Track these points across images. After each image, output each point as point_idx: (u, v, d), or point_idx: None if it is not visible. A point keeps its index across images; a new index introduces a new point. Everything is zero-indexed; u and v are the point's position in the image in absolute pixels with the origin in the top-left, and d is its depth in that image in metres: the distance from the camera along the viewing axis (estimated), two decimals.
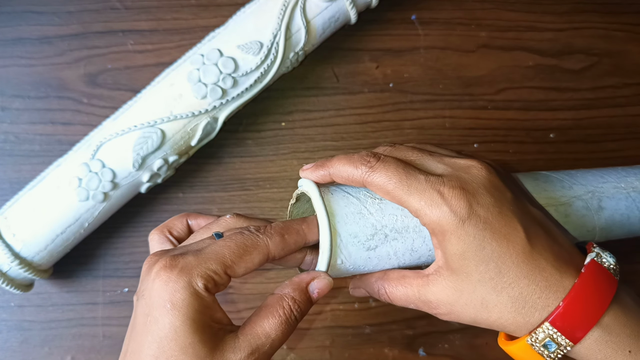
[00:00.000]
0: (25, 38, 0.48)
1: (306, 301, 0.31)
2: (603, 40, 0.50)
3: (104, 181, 0.41)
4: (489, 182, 0.31)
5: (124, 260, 0.48)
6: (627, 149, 0.50)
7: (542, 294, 0.30)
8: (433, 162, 0.32)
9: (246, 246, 0.30)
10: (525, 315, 0.30)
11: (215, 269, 0.29)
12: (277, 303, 0.30)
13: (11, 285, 0.42)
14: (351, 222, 0.32)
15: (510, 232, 0.30)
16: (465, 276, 0.30)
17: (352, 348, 0.48)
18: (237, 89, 0.43)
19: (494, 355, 0.48)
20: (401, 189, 0.30)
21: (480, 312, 0.31)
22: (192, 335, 0.28)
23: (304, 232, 0.32)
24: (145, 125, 0.41)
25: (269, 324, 0.30)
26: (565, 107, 0.50)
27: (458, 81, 0.50)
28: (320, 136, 0.49)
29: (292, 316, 0.30)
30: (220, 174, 0.48)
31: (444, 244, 0.30)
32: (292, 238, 0.31)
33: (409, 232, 0.33)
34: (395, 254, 0.33)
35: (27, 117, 0.47)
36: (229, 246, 0.30)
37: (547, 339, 0.29)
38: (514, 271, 0.30)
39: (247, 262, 0.30)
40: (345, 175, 0.32)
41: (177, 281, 0.28)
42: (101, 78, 0.48)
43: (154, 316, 0.28)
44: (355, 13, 0.44)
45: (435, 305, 0.32)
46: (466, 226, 0.30)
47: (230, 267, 0.29)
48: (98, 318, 0.47)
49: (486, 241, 0.30)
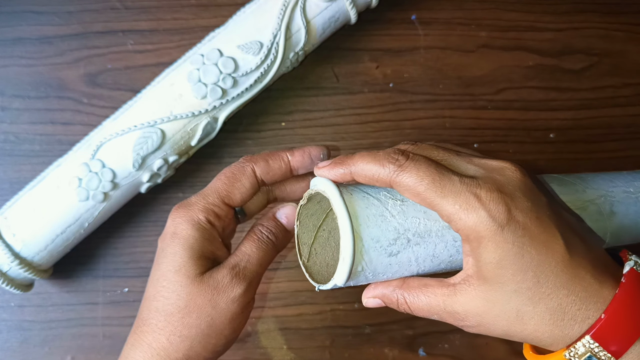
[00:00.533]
0: (25, 38, 0.48)
1: (276, 226, 0.35)
2: (603, 40, 0.50)
3: (104, 181, 0.41)
4: (524, 185, 0.29)
5: (124, 260, 0.48)
6: (627, 149, 0.50)
7: (582, 305, 0.28)
8: (462, 163, 0.30)
9: (234, 175, 0.35)
10: (564, 327, 0.28)
11: (213, 201, 0.34)
12: (251, 232, 0.35)
13: (11, 285, 0.42)
14: (373, 226, 0.29)
15: (549, 239, 0.28)
16: (499, 286, 0.28)
17: (352, 348, 0.48)
18: (237, 89, 0.43)
19: (494, 355, 0.48)
20: (434, 191, 0.28)
21: (514, 325, 0.28)
22: (188, 259, 0.32)
23: (287, 159, 0.35)
24: (145, 125, 0.41)
25: (245, 245, 0.34)
26: (565, 107, 0.50)
27: (458, 81, 0.50)
28: (320, 136, 0.49)
29: (264, 236, 0.35)
30: None
31: (479, 251, 0.28)
32: (276, 163, 0.35)
33: (432, 237, 0.31)
34: (417, 260, 0.31)
35: (27, 117, 0.47)
36: (221, 179, 0.35)
37: (588, 354, 0.27)
38: (553, 281, 0.28)
39: (240, 188, 0.35)
40: (369, 174, 0.30)
41: (182, 216, 0.33)
42: (101, 78, 0.48)
43: (162, 247, 0.33)
44: (355, 13, 0.44)
45: (463, 316, 0.29)
46: (505, 232, 0.27)
47: (226, 196, 0.34)
48: (98, 318, 0.47)
49: (525, 248, 0.28)
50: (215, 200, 0.34)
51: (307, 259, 0.33)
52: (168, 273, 0.32)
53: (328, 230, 0.32)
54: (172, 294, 0.32)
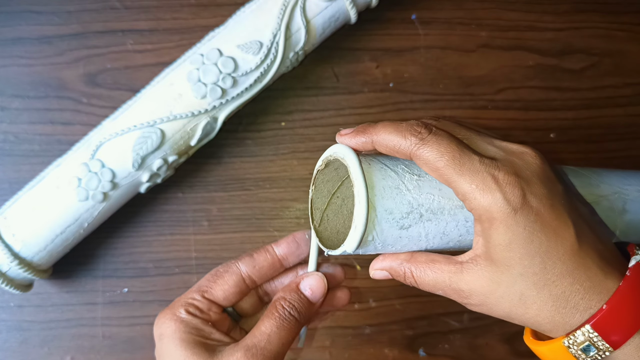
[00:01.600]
0: (25, 38, 0.48)
1: (300, 299, 0.33)
2: (603, 40, 0.50)
3: (103, 181, 0.41)
4: (542, 171, 0.29)
5: (124, 261, 0.48)
6: (627, 149, 0.50)
7: (586, 295, 0.28)
8: (483, 143, 0.30)
9: (218, 271, 0.35)
10: (566, 315, 0.28)
11: (193, 296, 0.34)
12: (272, 307, 0.33)
13: (11, 285, 0.41)
14: (388, 197, 0.30)
15: (560, 227, 0.28)
16: (506, 268, 0.28)
17: (352, 348, 0.48)
18: (236, 89, 0.43)
19: (494, 355, 0.48)
20: (453, 168, 0.28)
21: (517, 307, 0.29)
22: (184, 351, 0.31)
23: (272, 250, 0.35)
24: (145, 125, 0.41)
25: (264, 324, 0.32)
26: (565, 107, 0.50)
27: (458, 81, 0.49)
28: (320, 136, 0.49)
29: (286, 312, 0.32)
30: (220, 174, 0.48)
31: (490, 232, 0.28)
32: (260, 256, 0.35)
33: (444, 215, 0.31)
34: (427, 236, 0.31)
35: (27, 117, 0.47)
36: (205, 277, 0.35)
37: (587, 342, 0.28)
38: (560, 268, 0.28)
39: (222, 284, 0.35)
40: (391, 144, 0.30)
41: (163, 317, 0.33)
42: (101, 78, 0.48)
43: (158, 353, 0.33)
44: (355, 13, 0.44)
45: (467, 294, 0.30)
46: (518, 216, 0.28)
47: (205, 291, 0.34)
48: (97, 318, 0.47)
49: (535, 234, 0.28)
50: (194, 295, 0.34)
51: (318, 224, 0.34)
52: None
53: (342, 197, 0.32)
54: None
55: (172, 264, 0.48)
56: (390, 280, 0.33)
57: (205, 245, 0.48)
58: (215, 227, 0.48)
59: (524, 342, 0.32)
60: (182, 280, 0.48)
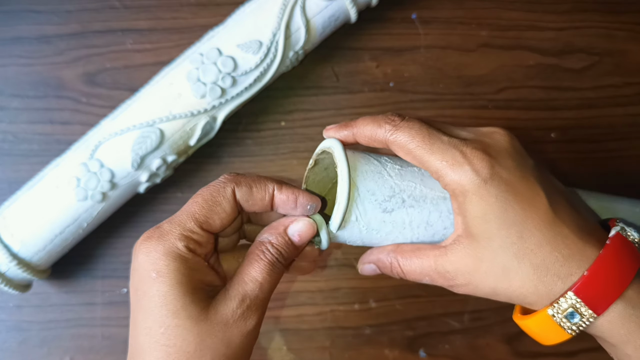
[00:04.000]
0: (24, 37, 0.48)
1: (287, 244, 0.31)
2: (604, 40, 0.50)
3: (102, 181, 0.41)
4: (511, 146, 0.31)
5: (123, 261, 0.47)
6: (628, 149, 0.50)
7: (565, 263, 0.29)
8: (455, 129, 0.32)
9: (213, 197, 0.30)
10: (548, 284, 0.29)
11: (191, 227, 0.29)
12: (257, 249, 0.30)
13: (9, 285, 0.41)
14: (370, 180, 0.32)
15: (533, 197, 0.30)
16: (486, 242, 0.29)
17: (352, 349, 0.48)
18: (236, 88, 0.42)
19: (494, 356, 0.48)
20: (423, 149, 0.30)
21: (501, 281, 0.30)
22: (182, 298, 0.28)
23: (272, 191, 0.31)
24: (144, 125, 0.41)
25: (254, 269, 0.30)
26: (566, 106, 0.50)
27: (458, 80, 0.49)
28: (320, 136, 0.48)
29: (274, 259, 0.30)
30: (219, 173, 0.47)
31: (465, 206, 0.30)
32: (259, 193, 0.31)
33: (426, 203, 0.32)
34: (410, 224, 0.32)
35: (26, 116, 0.47)
36: (197, 202, 0.30)
37: (570, 309, 0.29)
38: (537, 236, 0.29)
39: (219, 212, 0.30)
40: (368, 134, 0.32)
41: (156, 249, 0.28)
42: (100, 77, 0.48)
43: (143, 290, 0.28)
44: (356, 12, 0.44)
45: (453, 275, 0.31)
46: (488, 186, 0.29)
47: (204, 221, 0.30)
48: (97, 318, 0.47)
49: (508, 203, 0.29)
50: (192, 226, 0.29)
51: None
52: (164, 318, 0.28)
53: (332, 200, 0.33)
54: (176, 340, 0.28)
55: None
56: (390, 279, 0.33)
57: None
58: None
59: (525, 342, 0.33)
60: None
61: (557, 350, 0.48)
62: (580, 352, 0.48)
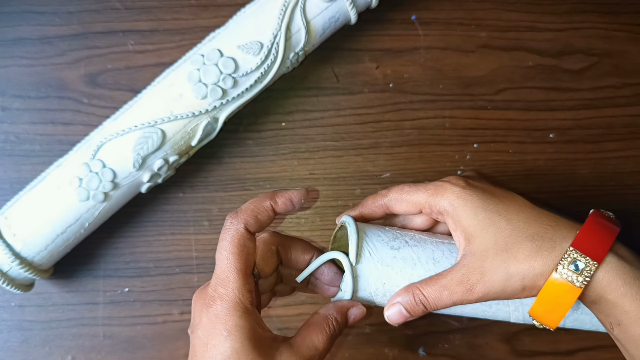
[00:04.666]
0: (26, 38, 0.48)
1: (344, 323, 0.36)
2: (603, 40, 0.50)
3: (104, 181, 0.41)
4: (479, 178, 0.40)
5: (125, 260, 0.48)
6: (627, 149, 0.50)
7: (556, 231, 0.34)
8: None
9: (242, 244, 0.34)
10: (547, 248, 0.33)
11: (245, 279, 0.33)
12: (324, 321, 0.35)
13: (11, 285, 0.42)
14: (374, 229, 0.38)
15: (508, 195, 0.36)
16: (483, 233, 0.34)
17: (352, 348, 0.48)
18: (237, 89, 0.43)
19: (494, 355, 0.48)
20: (409, 192, 0.38)
21: (508, 260, 0.33)
22: (252, 352, 0.31)
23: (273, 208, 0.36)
24: (146, 125, 0.41)
25: (318, 338, 0.34)
26: (565, 107, 0.50)
27: (458, 81, 0.50)
28: (320, 136, 0.49)
29: (335, 334, 0.35)
30: (220, 174, 0.49)
31: (456, 215, 0.35)
32: (264, 215, 0.35)
33: (427, 244, 0.38)
34: (419, 260, 0.37)
35: (28, 117, 0.47)
36: (231, 252, 0.33)
37: (574, 261, 0.32)
38: (523, 217, 0.34)
39: (253, 255, 0.34)
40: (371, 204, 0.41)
41: (221, 310, 0.32)
42: (101, 78, 0.48)
43: (213, 344, 0.31)
44: (355, 13, 0.44)
45: (468, 274, 0.34)
46: (468, 190, 0.35)
47: (246, 269, 0.33)
48: (98, 318, 0.47)
49: (487, 201, 0.35)
50: (242, 278, 0.33)
51: None
52: None
53: None
54: None
55: (172, 264, 0.48)
56: None
57: (206, 245, 0.48)
58: (216, 227, 0.48)
59: (524, 342, 0.35)
60: (183, 280, 0.48)
61: (555, 349, 0.49)
62: (579, 351, 0.49)
